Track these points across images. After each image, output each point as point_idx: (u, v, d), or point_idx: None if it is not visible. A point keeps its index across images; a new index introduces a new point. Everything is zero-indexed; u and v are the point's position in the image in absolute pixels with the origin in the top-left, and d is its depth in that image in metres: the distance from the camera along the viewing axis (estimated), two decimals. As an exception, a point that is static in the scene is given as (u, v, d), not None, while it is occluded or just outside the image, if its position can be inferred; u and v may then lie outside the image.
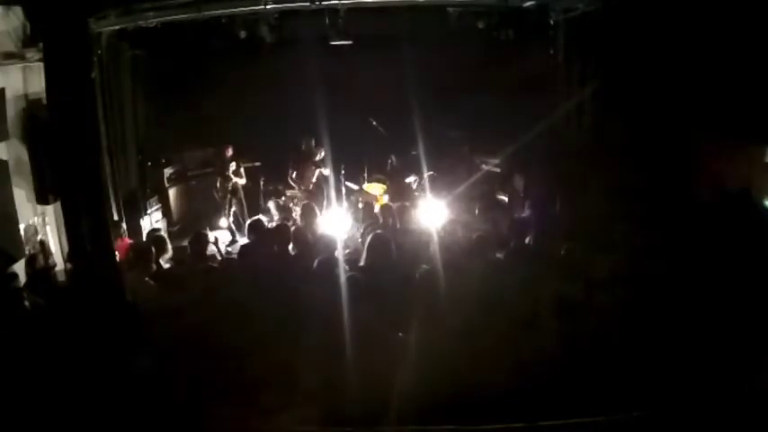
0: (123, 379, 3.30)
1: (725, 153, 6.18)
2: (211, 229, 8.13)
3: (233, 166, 9.01)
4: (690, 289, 3.88)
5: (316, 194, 9.13)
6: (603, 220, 5.93)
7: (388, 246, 4.99)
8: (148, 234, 7.05)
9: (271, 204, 9.34)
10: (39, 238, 6.39)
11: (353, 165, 9.43)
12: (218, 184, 9.13)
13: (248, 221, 6.43)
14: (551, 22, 8.06)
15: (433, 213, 7.81)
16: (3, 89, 5.89)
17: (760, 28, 5.54)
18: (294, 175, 9.13)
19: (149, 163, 8.86)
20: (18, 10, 5.97)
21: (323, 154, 9.07)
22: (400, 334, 3.81)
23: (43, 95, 5.59)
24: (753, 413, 3.03)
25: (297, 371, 3.48)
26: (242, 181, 9.17)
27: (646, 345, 3.45)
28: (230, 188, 9.07)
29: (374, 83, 8.82)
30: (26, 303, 4.60)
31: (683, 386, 3.24)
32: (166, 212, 9.15)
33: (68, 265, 5.78)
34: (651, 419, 3.09)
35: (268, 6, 6.91)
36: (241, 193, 9.25)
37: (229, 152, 9.00)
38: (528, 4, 7.51)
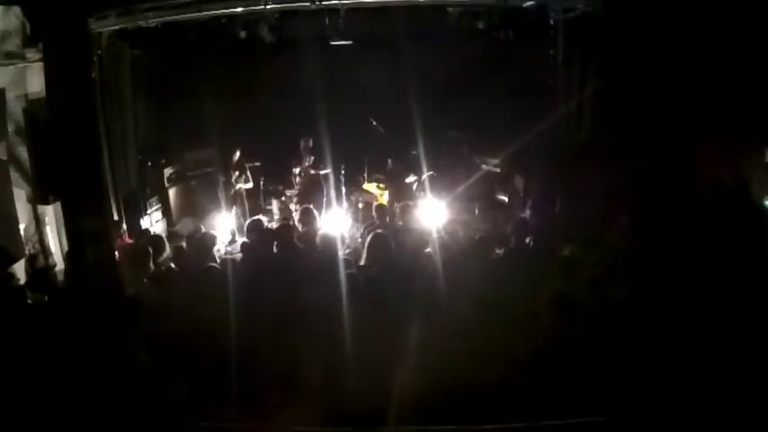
0: (123, 378, 3.30)
1: (725, 153, 6.18)
2: (211, 229, 8.13)
3: (237, 171, 8.98)
4: (689, 288, 3.88)
5: (313, 193, 9.13)
6: (603, 220, 5.93)
7: (388, 245, 4.99)
8: (143, 234, 7.04)
9: (272, 204, 9.35)
10: (39, 238, 6.39)
11: (353, 165, 9.43)
12: (221, 185, 9.11)
13: (248, 221, 6.42)
14: (551, 23, 8.05)
15: (434, 213, 7.81)
16: (3, 89, 5.90)
17: (760, 28, 5.54)
18: (296, 174, 9.15)
19: (149, 163, 8.86)
20: (18, 10, 5.97)
21: (311, 157, 9.07)
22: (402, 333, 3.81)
23: (43, 95, 5.60)
24: (751, 413, 3.03)
25: (297, 370, 3.48)
26: (248, 185, 9.15)
27: (645, 344, 3.45)
28: (233, 192, 9.07)
29: (374, 83, 8.82)
30: (26, 303, 4.60)
31: (682, 386, 3.24)
32: (166, 212, 9.14)
33: (68, 265, 5.77)
34: (650, 419, 3.10)
35: (268, 6, 6.90)
36: (244, 196, 9.25)
37: (236, 156, 8.96)
38: (528, 4, 7.50)
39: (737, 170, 6.04)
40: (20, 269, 5.85)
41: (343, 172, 9.23)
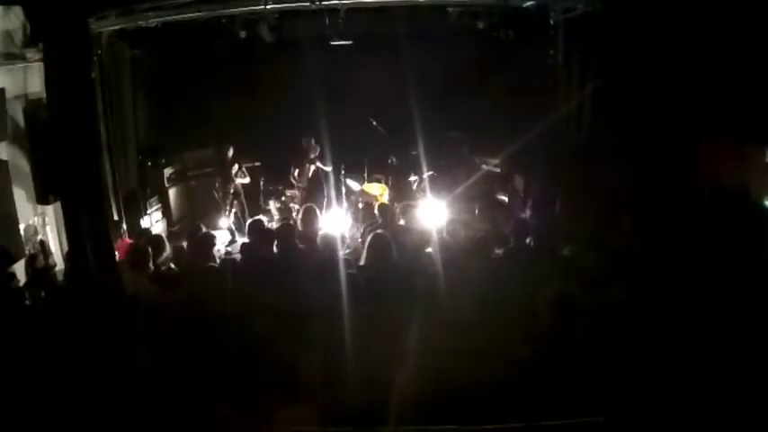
0: (122, 378, 3.30)
1: (725, 153, 6.18)
2: (211, 229, 8.14)
3: (235, 168, 9.01)
4: (689, 288, 3.88)
5: (314, 192, 9.13)
6: (603, 220, 5.93)
7: (388, 245, 4.99)
8: (144, 234, 7.05)
9: (271, 204, 9.36)
10: (39, 238, 6.40)
11: (353, 165, 9.44)
12: (217, 185, 9.13)
13: (248, 221, 6.42)
14: (551, 22, 8.06)
15: (434, 213, 7.82)
16: (3, 89, 5.90)
17: (760, 28, 5.54)
18: (296, 174, 9.13)
19: (149, 163, 8.86)
20: (18, 10, 5.97)
21: (318, 151, 9.07)
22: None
23: (43, 95, 5.59)
24: (751, 413, 3.03)
25: (297, 370, 3.48)
26: (245, 180, 9.18)
27: (645, 344, 3.45)
28: (232, 190, 9.08)
29: (374, 83, 8.82)
30: (26, 303, 4.61)
31: (682, 386, 3.24)
32: (166, 212, 9.15)
33: (68, 265, 5.78)
34: (650, 419, 3.10)
35: (268, 6, 6.90)
36: (242, 195, 9.26)
37: (230, 153, 8.99)
38: (528, 4, 7.51)
39: (737, 170, 6.04)
40: (20, 269, 5.85)
41: (343, 171, 9.23)
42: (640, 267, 4.36)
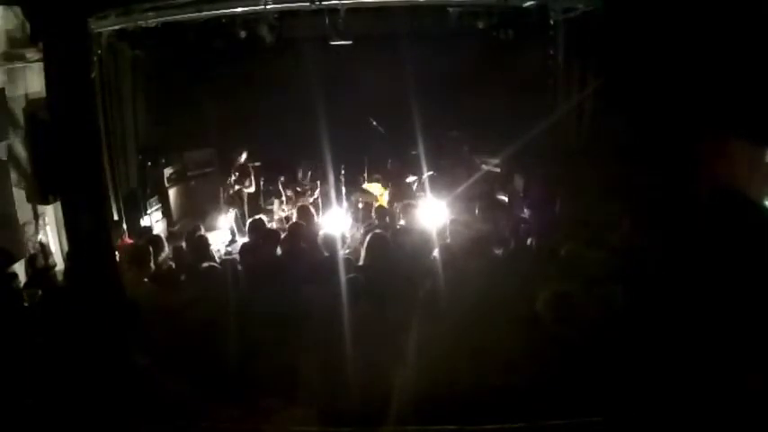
0: (122, 378, 3.31)
1: (725, 153, 6.19)
2: (211, 229, 8.14)
3: (241, 174, 8.95)
4: (689, 288, 3.88)
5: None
6: (603, 220, 5.93)
7: (387, 246, 4.99)
8: (144, 234, 7.05)
9: (275, 203, 9.35)
10: (39, 238, 6.40)
11: (353, 165, 9.44)
12: (225, 185, 9.06)
13: (249, 221, 6.43)
14: (551, 22, 8.07)
15: (434, 213, 7.81)
16: (3, 89, 5.90)
17: (760, 28, 5.54)
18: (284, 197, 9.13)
19: (149, 163, 8.86)
20: (18, 10, 5.97)
21: (317, 194, 9.07)
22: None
23: (43, 95, 5.58)
24: (750, 413, 3.03)
25: (297, 371, 3.48)
26: (251, 189, 9.09)
27: (644, 344, 3.46)
28: (234, 192, 9.04)
29: (374, 83, 8.82)
30: (26, 303, 4.61)
31: (681, 386, 3.24)
32: (166, 212, 9.15)
33: (68, 265, 5.77)
34: (650, 419, 3.10)
35: (268, 6, 6.91)
36: (245, 199, 9.23)
37: (242, 159, 8.92)
38: (528, 4, 7.51)
39: (737, 170, 6.04)
40: (20, 269, 5.86)
41: (343, 172, 9.23)
42: (640, 267, 4.36)
